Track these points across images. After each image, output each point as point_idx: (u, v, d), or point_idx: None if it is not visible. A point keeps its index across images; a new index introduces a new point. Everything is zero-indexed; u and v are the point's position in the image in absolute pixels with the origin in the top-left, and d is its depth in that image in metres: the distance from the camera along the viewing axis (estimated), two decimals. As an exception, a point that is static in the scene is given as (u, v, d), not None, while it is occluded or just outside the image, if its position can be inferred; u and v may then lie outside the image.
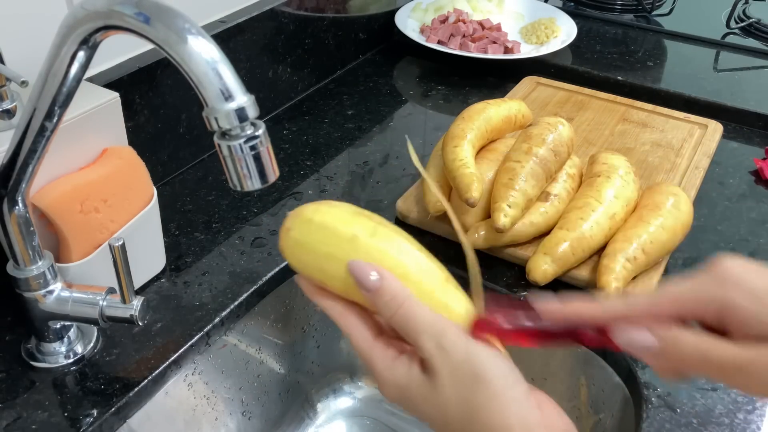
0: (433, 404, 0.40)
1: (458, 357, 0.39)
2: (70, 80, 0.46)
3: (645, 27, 1.23)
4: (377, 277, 0.41)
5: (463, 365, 0.39)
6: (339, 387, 0.83)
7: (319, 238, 0.44)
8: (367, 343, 0.43)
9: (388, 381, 0.42)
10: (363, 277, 0.41)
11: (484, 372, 0.39)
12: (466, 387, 0.39)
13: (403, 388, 0.42)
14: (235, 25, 0.85)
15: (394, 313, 0.41)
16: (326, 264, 0.43)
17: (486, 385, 0.39)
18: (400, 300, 0.41)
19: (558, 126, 0.74)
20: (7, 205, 0.53)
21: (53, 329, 0.59)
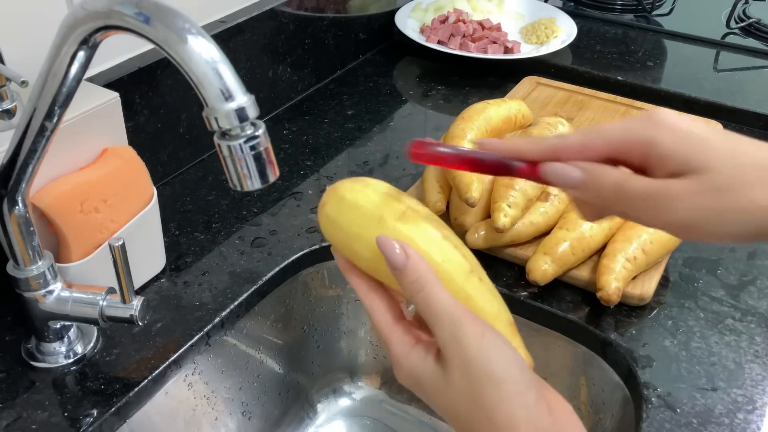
0: (444, 396, 0.40)
1: (472, 352, 0.39)
2: (70, 80, 0.46)
3: (645, 27, 1.23)
4: (404, 255, 0.41)
5: (477, 361, 0.39)
6: (339, 387, 0.83)
7: (350, 217, 0.44)
8: (388, 326, 0.43)
9: (404, 367, 0.42)
10: (390, 253, 0.41)
11: (496, 372, 0.38)
12: (477, 384, 0.39)
13: (417, 377, 0.41)
14: (235, 25, 0.85)
15: (416, 294, 0.41)
16: (355, 243, 0.44)
17: (497, 385, 0.38)
18: (423, 282, 0.40)
19: (558, 126, 0.74)
20: (7, 205, 0.53)
21: (53, 329, 0.59)
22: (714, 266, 0.72)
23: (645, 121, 0.39)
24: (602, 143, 0.40)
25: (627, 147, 0.40)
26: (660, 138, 0.39)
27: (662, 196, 0.38)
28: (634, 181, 0.39)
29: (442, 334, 0.40)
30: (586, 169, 0.40)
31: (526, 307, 0.68)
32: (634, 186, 0.39)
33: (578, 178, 0.40)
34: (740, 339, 0.64)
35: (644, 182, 0.39)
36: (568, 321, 0.66)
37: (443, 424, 0.81)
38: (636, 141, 0.39)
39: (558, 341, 0.68)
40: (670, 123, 0.39)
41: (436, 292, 0.40)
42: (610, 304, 0.64)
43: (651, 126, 0.39)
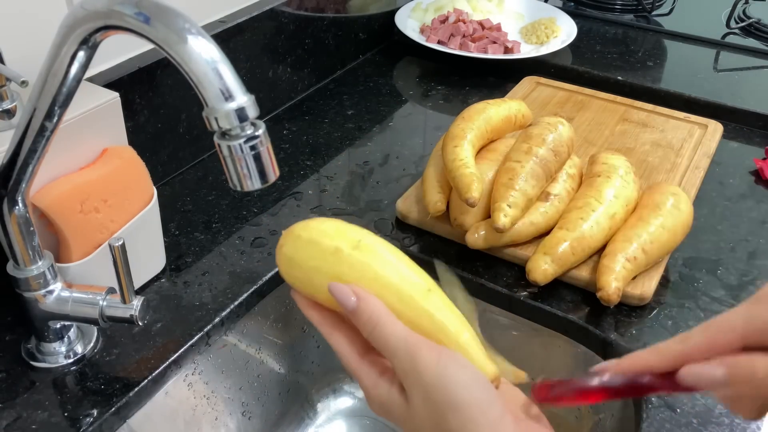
0: (411, 425, 0.41)
1: (430, 379, 0.39)
2: (70, 80, 0.46)
3: (645, 27, 1.23)
4: (355, 298, 0.42)
5: (435, 388, 0.39)
6: (339, 387, 0.83)
7: (307, 253, 0.45)
8: (354, 361, 0.44)
9: (373, 398, 0.43)
10: (343, 298, 0.42)
11: (456, 396, 0.39)
12: (439, 411, 0.39)
13: (385, 407, 0.42)
14: (235, 25, 0.85)
15: (371, 332, 0.42)
16: (314, 277, 0.45)
17: (459, 410, 0.38)
18: (375, 318, 0.41)
19: (558, 126, 0.74)
20: (7, 205, 0.53)
21: (53, 329, 0.59)
22: (714, 266, 0.72)
23: (765, 303, 0.36)
24: (732, 336, 0.37)
25: (757, 335, 0.36)
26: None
27: None
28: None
29: (400, 366, 0.40)
30: (730, 363, 0.36)
31: (526, 307, 0.68)
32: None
33: (723, 377, 0.36)
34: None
35: None
36: (568, 321, 0.66)
37: (443, 424, 0.81)
38: (765, 327, 0.36)
39: (558, 341, 0.68)
40: None
41: (389, 326, 0.41)
42: (610, 304, 0.64)
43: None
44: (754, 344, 0.36)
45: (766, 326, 0.36)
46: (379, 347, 0.42)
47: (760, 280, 0.70)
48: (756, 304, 0.37)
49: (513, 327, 0.71)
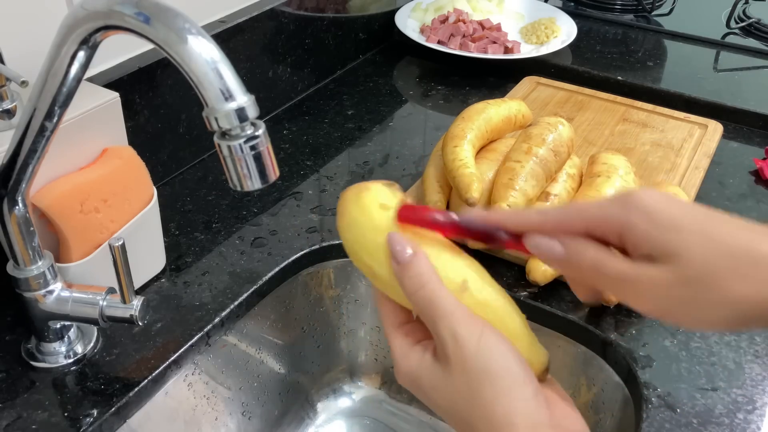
0: (442, 393, 0.40)
1: (471, 349, 0.39)
2: (70, 80, 0.46)
3: (645, 27, 1.23)
4: (411, 252, 0.41)
5: (474, 358, 0.39)
6: (339, 387, 0.83)
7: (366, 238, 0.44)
8: (391, 328, 0.44)
9: (402, 367, 0.42)
10: (398, 249, 0.41)
11: (493, 368, 0.39)
12: (475, 380, 0.39)
13: (415, 376, 0.42)
14: (235, 25, 0.85)
15: (416, 291, 0.41)
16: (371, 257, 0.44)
17: (494, 380, 0.39)
18: (425, 279, 0.41)
19: (558, 126, 0.74)
20: (7, 205, 0.53)
21: (53, 329, 0.59)
22: (714, 266, 0.72)
23: (621, 203, 0.38)
24: (580, 222, 0.40)
25: (603, 227, 0.39)
26: (634, 222, 0.38)
27: (637, 281, 0.37)
28: (611, 262, 0.38)
29: (442, 333, 0.40)
30: (567, 244, 0.40)
31: (526, 307, 0.68)
32: (610, 268, 0.38)
33: (559, 252, 0.40)
34: (740, 339, 0.64)
35: (620, 266, 0.38)
36: (568, 321, 0.66)
37: (443, 424, 0.81)
38: (611, 223, 0.39)
39: (558, 341, 0.68)
40: (645, 206, 0.38)
41: (436, 291, 0.41)
42: (610, 304, 0.64)
43: (626, 208, 0.38)
44: (598, 235, 0.39)
45: (610, 225, 0.39)
46: (421, 308, 0.41)
47: (760, 280, 0.70)
48: (614, 202, 0.39)
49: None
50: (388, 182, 0.46)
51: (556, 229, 0.41)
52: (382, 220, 0.43)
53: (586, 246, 0.39)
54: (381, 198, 0.44)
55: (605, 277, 0.39)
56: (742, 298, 0.35)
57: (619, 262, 0.38)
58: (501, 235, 0.43)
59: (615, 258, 0.38)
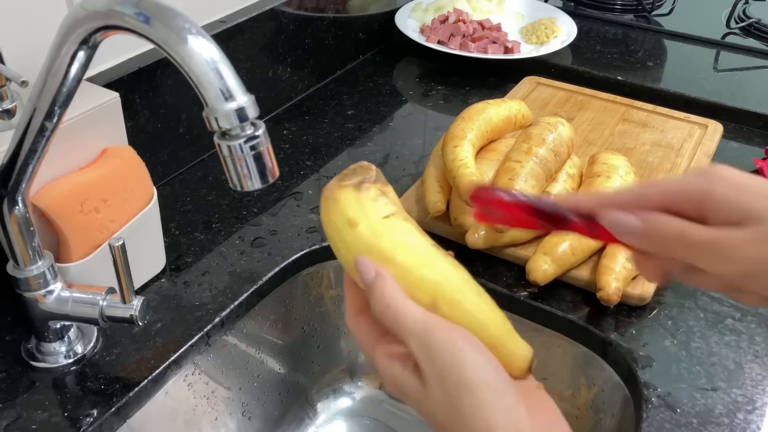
0: (425, 405, 0.41)
1: (446, 362, 0.39)
2: (70, 80, 0.46)
3: (645, 27, 1.23)
4: (374, 275, 0.42)
5: (450, 370, 0.39)
6: (339, 387, 0.83)
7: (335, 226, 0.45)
8: (370, 344, 0.44)
9: (387, 379, 0.43)
10: (363, 271, 0.42)
11: (470, 378, 0.39)
12: (453, 393, 0.39)
13: (399, 387, 0.42)
14: (235, 25, 0.85)
15: (381, 312, 0.41)
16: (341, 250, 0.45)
17: (472, 392, 0.39)
18: (389, 300, 0.41)
19: (558, 126, 0.74)
20: (7, 205, 0.53)
21: (53, 329, 0.59)
22: (714, 266, 0.72)
23: (701, 174, 0.41)
24: (658, 195, 0.41)
25: (683, 198, 0.41)
26: (716, 188, 0.40)
27: (722, 244, 0.39)
28: (696, 229, 0.40)
29: (414, 347, 0.40)
30: (646, 218, 0.41)
31: (526, 307, 0.68)
32: (696, 234, 0.40)
33: (638, 226, 0.41)
34: (740, 339, 0.64)
35: (705, 231, 0.39)
36: (568, 321, 0.66)
37: (443, 424, 0.81)
38: (692, 191, 0.40)
39: (558, 341, 0.68)
40: (727, 176, 0.40)
41: (400, 308, 0.41)
42: (610, 304, 0.64)
43: (707, 178, 0.40)
44: (675, 208, 0.41)
45: (691, 194, 0.41)
46: (392, 327, 0.41)
47: (760, 280, 0.70)
48: (693, 174, 0.41)
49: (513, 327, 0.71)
50: (363, 171, 0.45)
51: (632, 206, 0.42)
52: (350, 239, 0.43)
53: (666, 217, 0.40)
54: (349, 212, 0.44)
55: (691, 244, 0.40)
56: None
57: (705, 228, 0.39)
58: (571, 217, 0.43)
59: (699, 226, 0.40)
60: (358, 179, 0.45)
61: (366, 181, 0.45)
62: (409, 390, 0.41)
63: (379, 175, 0.46)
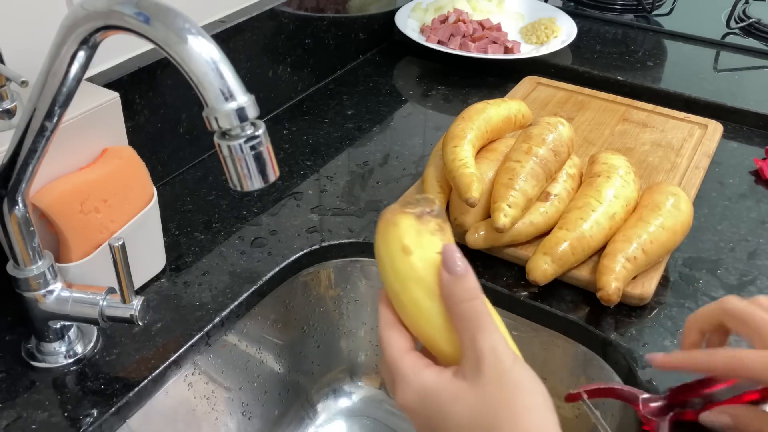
0: (466, 403, 0.41)
1: (508, 364, 0.41)
2: (70, 80, 0.46)
3: (645, 27, 1.23)
4: (464, 265, 0.43)
5: (510, 372, 0.41)
6: (339, 387, 0.83)
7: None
8: (400, 351, 0.44)
9: (413, 384, 0.43)
10: (452, 260, 0.43)
11: (528, 384, 0.41)
12: (511, 391, 0.40)
13: (429, 391, 0.42)
14: (235, 25, 0.85)
15: (466, 301, 0.42)
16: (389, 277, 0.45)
17: (530, 394, 0.40)
18: (476, 294, 0.43)
19: (558, 126, 0.74)
20: (7, 205, 0.53)
21: (53, 329, 0.59)
22: (714, 266, 0.72)
23: None
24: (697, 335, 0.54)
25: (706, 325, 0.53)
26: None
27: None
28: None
29: (480, 344, 0.41)
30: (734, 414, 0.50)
31: (526, 307, 0.68)
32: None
33: (728, 420, 0.50)
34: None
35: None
36: (568, 321, 0.66)
37: (443, 424, 0.81)
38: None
39: (558, 341, 0.68)
40: None
41: (485, 306, 0.43)
42: (610, 304, 0.64)
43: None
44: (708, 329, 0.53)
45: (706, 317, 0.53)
46: (466, 320, 0.42)
47: (760, 280, 0.70)
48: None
49: (513, 327, 0.71)
50: (426, 203, 0.46)
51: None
52: (401, 266, 0.44)
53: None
54: (405, 239, 0.44)
55: None
56: None
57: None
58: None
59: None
60: (420, 209, 0.45)
61: (428, 214, 0.45)
62: (447, 390, 0.42)
63: (441, 211, 0.46)
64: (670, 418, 0.54)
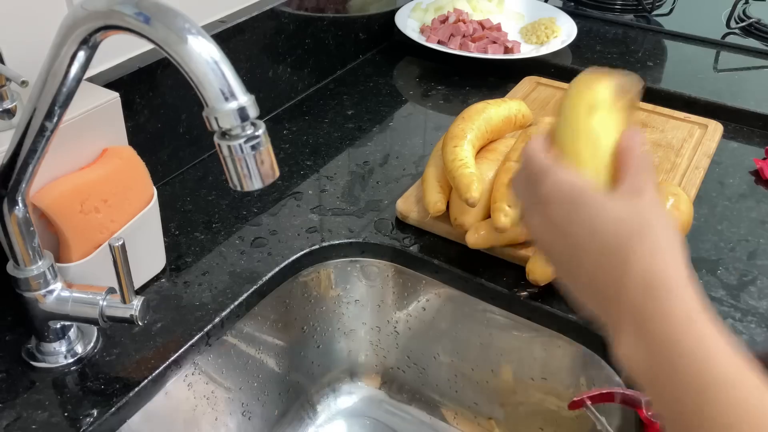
0: (620, 208, 0.42)
1: (664, 207, 0.47)
2: (70, 80, 0.46)
3: (645, 27, 1.23)
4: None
5: (665, 210, 0.46)
6: (339, 387, 0.83)
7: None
8: (544, 168, 0.45)
9: (568, 178, 0.43)
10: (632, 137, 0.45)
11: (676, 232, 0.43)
12: (661, 220, 0.42)
13: (584, 189, 0.43)
14: (235, 25, 0.85)
15: (645, 152, 0.44)
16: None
17: (676, 236, 0.42)
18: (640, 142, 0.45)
19: (558, 126, 0.74)
20: (7, 205, 0.53)
21: (53, 329, 0.59)
22: (714, 266, 0.72)
23: None
24: None
25: None
26: None
27: None
28: None
29: (646, 183, 0.43)
30: None
31: (526, 307, 0.68)
32: None
33: None
34: (740, 339, 0.64)
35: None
36: (568, 321, 0.66)
37: (443, 424, 0.81)
38: None
39: (558, 341, 0.68)
40: None
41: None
42: (610, 304, 0.64)
43: None
44: None
45: None
46: (644, 162, 0.44)
47: (760, 280, 0.70)
48: None
49: (513, 327, 0.71)
50: (629, 82, 0.49)
51: None
52: (582, 123, 0.46)
53: None
54: (595, 100, 0.47)
55: None
56: None
57: None
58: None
59: None
60: (619, 82, 0.48)
61: (625, 92, 0.48)
62: (599, 196, 0.42)
63: (637, 95, 0.49)
64: None
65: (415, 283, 0.75)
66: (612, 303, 0.41)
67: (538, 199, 0.45)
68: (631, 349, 0.40)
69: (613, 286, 0.41)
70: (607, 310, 0.42)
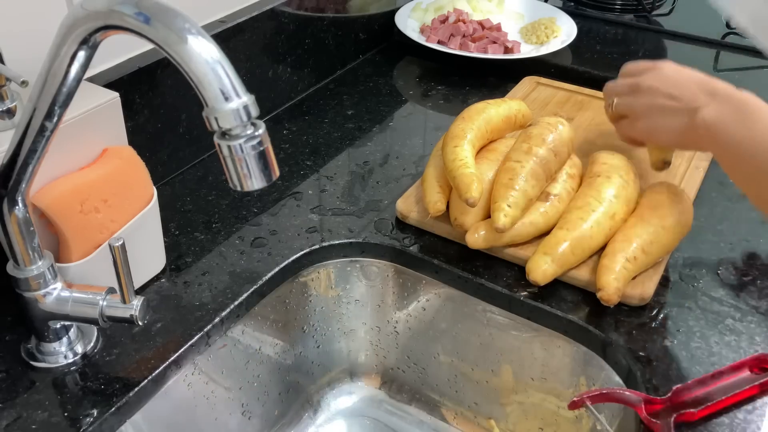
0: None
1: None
2: (70, 80, 0.46)
3: (645, 27, 1.23)
4: None
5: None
6: (339, 387, 0.83)
7: None
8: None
9: (668, 63, 0.68)
10: None
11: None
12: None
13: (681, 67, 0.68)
14: (235, 25, 0.85)
15: None
16: None
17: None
18: None
19: (558, 126, 0.74)
20: (7, 205, 0.53)
21: (53, 329, 0.59)
22: (714, 266, 0.72)
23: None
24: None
25: None
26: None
27: None
28: None
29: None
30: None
31: (526, 307, 0.68)
32: None
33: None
34: (740, 339, 0.64)
35: None
36: (568, 321, 0.66)
37: (443, 424, 0.81)
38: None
39: (558, 341, 0.68)
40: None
41: None
42: (610, 304, 0.64)
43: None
44: None
45: None
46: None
47: (760, 280, 0.70)
48: None
49: (513, 327, 0.71)
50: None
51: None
52: None
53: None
54: None
55: None
56: None
57: None
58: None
59: None
60: None
61: None
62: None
63: None
64: (673, 420, 0.54)
65: (415, 283, 0.75)
66: (700, 96, 0.67)
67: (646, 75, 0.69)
68: (716, 112, 0.65)
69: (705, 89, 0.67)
70: (695, 102, 0.66)
